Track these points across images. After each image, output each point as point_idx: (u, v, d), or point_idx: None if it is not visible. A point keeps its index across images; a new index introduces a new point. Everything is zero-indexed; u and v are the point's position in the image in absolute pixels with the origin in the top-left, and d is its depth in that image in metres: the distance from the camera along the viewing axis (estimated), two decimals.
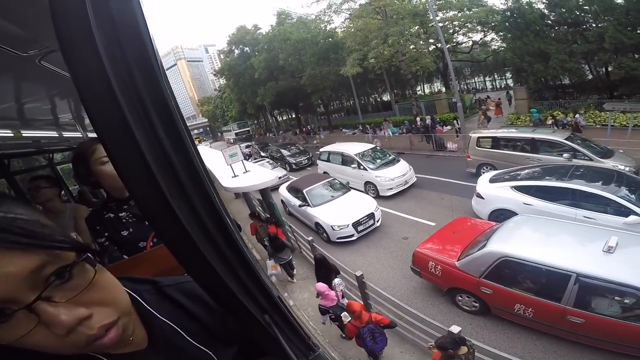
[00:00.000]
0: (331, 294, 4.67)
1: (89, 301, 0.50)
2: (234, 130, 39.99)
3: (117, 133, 0.38)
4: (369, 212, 8.16)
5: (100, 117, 0.38)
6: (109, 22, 0.38)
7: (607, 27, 14.36)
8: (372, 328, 4.02)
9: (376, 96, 36.22)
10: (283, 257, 6.71)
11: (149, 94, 0.40)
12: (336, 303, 4.64)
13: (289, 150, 20.14)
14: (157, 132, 0.41)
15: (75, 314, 0.47)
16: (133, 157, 0.39)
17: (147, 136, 0.40)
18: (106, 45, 0.37)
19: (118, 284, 0.59)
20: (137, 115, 0.39)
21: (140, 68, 0.40)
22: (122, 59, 0.38)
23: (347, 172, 11.63)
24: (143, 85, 0.40)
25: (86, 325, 0.48)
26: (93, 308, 0.50)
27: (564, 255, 4.10)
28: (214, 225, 0.49)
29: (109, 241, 1.66)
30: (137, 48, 0.40)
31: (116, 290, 0.58)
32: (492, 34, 22.50)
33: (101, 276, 0.54)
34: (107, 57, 0.37)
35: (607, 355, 3.85)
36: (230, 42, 33.69)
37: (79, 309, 0.48)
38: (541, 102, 18.16)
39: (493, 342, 4.36)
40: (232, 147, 7.73)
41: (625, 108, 11.38)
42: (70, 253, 0.49)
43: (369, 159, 11.25)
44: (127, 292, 0.68)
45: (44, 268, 0.46)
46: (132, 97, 0.38)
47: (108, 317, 0.52)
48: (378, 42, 17.99)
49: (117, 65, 0.38)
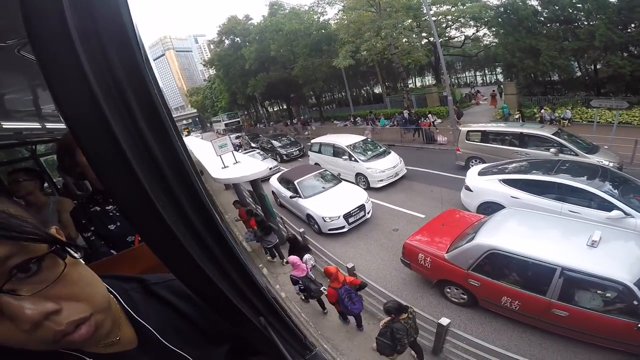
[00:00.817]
0: (302, 266, 5.18)
1: (59, 295, 0.48)
2: (224, 121, 39.39)
3: (92, 125, 0.35)
4: (359, 204, 8.21)
5: (71, 108, 0.34)
6: (86, 6, 0.34)
7: (598, 25, 14.54)
8: (347, 289, 4.46)
9: (368, 88, 36.08)
10: (270, 240, 6.97)
11: (130, 83, 0.36)
12: (305, 274, 5.19)
13: (280, 141, 19.87)
14: (139, 124, 0.37)
15: (40, 309, 0.45)
16: (110, 152, 0.36)
17: (126, 129, 0.36)
18: (80, 30, 0.33)
19: (95, 279, 0.57)
20: (115, 107, 0.35)
21: (120, 56, 0.36)
22: (99, 45, 0.35)
23: (338, 164, 11.65)
24: (123, 75, 0.36)
25: (53, 320, 0.46)
26: (63, 303, 0.48)
27: (550, 249, 4.17)
28: (203, 224, 0.46)
29: (96, 236, 1.61)
30: (117, 35, 0.36)
31: (91, 285, 0.55)
32: (484, 29, 22.61)
33: (74, 270, 0.52)
34: (82, 43, 0.33)
35: (590, 349, 3.96)
36: (221, 33, 32.98)
37: (46, 303, 0.46)
38: (530, 97, 18.38)
39: (480, 334, 4.45)
40: (221, 138, 7.64)
41: (611, 105, 11.59)
42: (41, 245, 0.47)
43: (360, 151, 11.27)
44: (113, 291, 0.65)
45: (9, 259, 0.43)
46: (109, 87, 0.35)
47: (78, 313, 0.50)
48: (371, 34, 17.86)
49: (93, 53, 0.34)
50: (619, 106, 10.84)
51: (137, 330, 0.66)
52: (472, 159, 10.22)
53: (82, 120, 0.34)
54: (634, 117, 12.73)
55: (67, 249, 0.52)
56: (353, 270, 5.27)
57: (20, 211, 0.48)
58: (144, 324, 0.67)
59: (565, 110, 15.18)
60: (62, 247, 0.51)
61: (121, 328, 0.63)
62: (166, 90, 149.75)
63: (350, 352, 4.76)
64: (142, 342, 0.65)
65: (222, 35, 33.19)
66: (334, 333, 5.14)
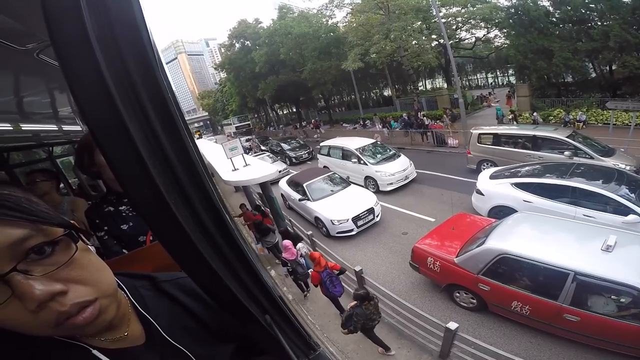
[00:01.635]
0: (293, 250, 5.76)
1: (67, 278, 0.50)
2: (234, 124, 39.84)
3: (110, 127, 0.37)
4: (368, 207, 8.14)
5: (91, 111, 0.36)
6: (103, 13, 0.36)
7: (612, 26, 14.23)
8: (329, 272, 4.96)
9: (377, 91, 36.00)
10: (269, 240, 7.20)
11: (145, 87, 0.38)
12: (294, 258, 5.71)
13: (289, 144, 19.98)
14: (153, 126, 0.39)
15: (49, 288, 0.47)
16: (127, 152, 0.38)
17: (142, 130, 0.38)
18: (99, 36, 0.35)
19: (103, 267, 0.59)
20: (131, 109, 0.37)
21: (135, 60, 0.38)
22: (117, 50, 0.37)
23: (347, 167, 11.62)
24: (138, 78, 0.38)
25: (58, 301, 0.48)
26: (70, 285, 0.50)
27: (562, 253, 4.08)
28: (213, 223, 0.48)
29: (108, 235, 1.65)
30: (133, 40, 0.38)
31: (99, 271, 0.57)
32: (495, 31, 22.30)
33: (84, 255, 0.54)
34: (100, 48, 0.35)
35: (602, 354, 3.85)
36: (231, 36, 33.39)
37: (55, 283, 0.48)
38: (543, 99, 18.04)
39: (489, 339, 4.38)
40: (232, 141, 7.72)
41: (627, 107, 11.28)
42: (56, 229, 0.50)
43: (370, 154, 11.24)
44: (124, 287, 0.67)
45: (26, 241, 0.46)
46: (126, 90, 0.37)
47: (84, 296, 0.51)
48: (380, 37, 17.83)
49: (111, 57, 0.36)
50: (636, 108, 10.55)
51: (145, 327, 0.67)
52: (483, 162, 10.06)
53: (100, 121, 0.36)
54: None
55: (80, 235, 0.55)
56: (361, 273, 5.24)
57: (38, 200, 0.51)
58: (159, 318, 0.68)
59: (579, 112, 14.84)
60: (75, 232, 0.53)
61: (130, 324, 0.64)
62: (178, 93, 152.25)
63: (356, 355, 4.73)
64: (149, 338, 0.66)
65: (232, 38, 33.61)
66: (340, 335, 5.11)
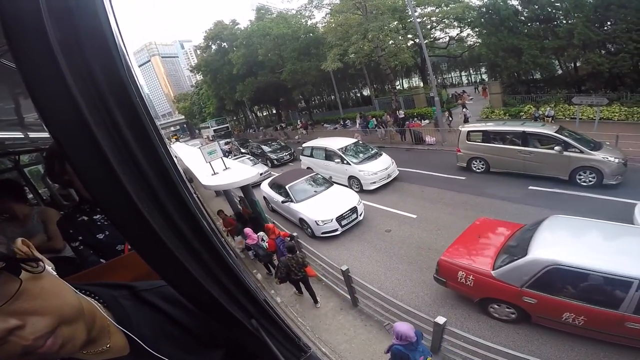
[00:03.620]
0: (254, 236, 6.49)
1: (20, 311, 0.48)
2: (212, 127, 38.87)
3: (75, 134, 0.35)
4: (351, 206, 8.19)
5: (53, 117, 0.34)
6: (66, 16, 0.34)
7: (576, 24, 14.97)
8: (281, 239, 6.15)
9: (356, 91, 36.39)
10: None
11: (111, 91, 0.37)
12: (256, 242, 6.48)
13: (270, 146, 19.72)
14: (122, 132, 0.38)
15: (2, 325, 0.45)
16: (94, 160, 0.36)
17: (110, 137, 0.37)
18: (61, 40, 0.33)
19: (61, 291, 0.56)
20: (98, 116, 0.36)
21: (101, 65, 0.36)
22: (80, 54, 0.35)
23: (330, 167, 11.67)
24: (104, 83, 0.37)
25: (19, 336, 0.46)
26: (26, 318, 0.48)
27: (620, 261, 3.82)
28: (190, 229, 0.47)
29: (84, 245, 1.59)
30: (98, 43, 0.36)
31: (57, 297, 0.54)
32: (468, 30, 23.09)
33: (33, 285, 0.51)
34: (62, 52, 0.33)
35: None
36: (207, 38, 32.80)
37: (8, 319, 0.46)
38: (514, 96, 18.80)
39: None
40: (210, 145, 7.57)
41: (591, 102, 11.97)
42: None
43: (352, 154, 11.33)
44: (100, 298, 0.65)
45: None
46: (92, 97, 0.35)
47: (43, 328, 0.49)
48: (358, 37, 18.04)
49: (74, 62, 0.34)
50: (599, 103, 11.19)
51: (129, 337, 0.65)
52: (474, 160, 10.31)
53: (66, 129, 0.35)
54: (613, 113, 13.13)
55: (22, 265, 0.50)
56: (347, 272, 5.27)
57: None
58: (142, 328, 0.66)
59: (548, 108, 15.58)
60: (16, 263, 0.49)
61: (111, 336, 0.62)
62: (153, 96, 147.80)
63: (349, 355, 4.75)
64: (134, 349, 0.64)
65: (208, 40, 33.02)
66: (331, 335, 5.13)
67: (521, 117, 16.39)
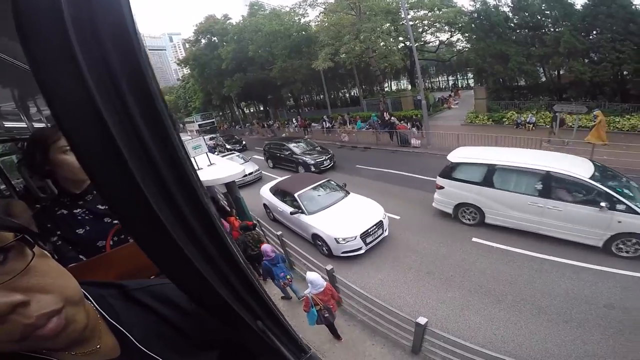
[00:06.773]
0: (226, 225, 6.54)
1: (28, 287, 0.46)
2: (198, 122, 38.03)
3: (88, 126, 0.32)
4: (377, 220, 6.97)
5: (67, 109, 0.31)
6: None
7: (563, 32, 15.53)
8: (246, 225, 6.40)
9: (345, 91, 36.55)
10: None
11: (128, 79, 0.34)
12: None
13: (298, 146, 14.94)
14: (135, 121, 0.35)
15: (6, 300, 0.43)
16: (106, 152, 0.33)
17: (123, 128, 0.34)
18: (74, 16, 0.30)
19: (65, 272, 0.54)
20: (108, 100, 0.33)
21: (116, 48, 0.33)
22: (94, 35, 0.32)
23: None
24: (117, 63, 0.33)
25: (22, 314, 0.44)
26: (32, 295, 0.46)
27: None
28: (201, 225, 0.44)
29: (62, 240, 1.51)
30: (114, 22, 0.33)
31: (62, 276, 0.53)
32: (458, 35, 23.61)
33: (42, 261, 0.50)
34: (75, 32, 0.30)
35: None
36: (198, 32, 32.19)
37: (13, 294, 0.43)
38: (498, 102, 19.33)
39: None
40: (195, 139, 7.43)
41: (571, 110, 12.39)
42: (6, 234, 0.45)
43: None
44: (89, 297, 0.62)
45: None
46: (105, 82, 0.32)
47: (49, 305, 0.47)
48: (350, 37, 18.15)
49: (87, 44, 0.31)
50: (578, 111, 11.61)
51: (119, 338, 0.63)
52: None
53: (74, 115, 0.32)
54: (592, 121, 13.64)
55: (35, 240, 0.50)
56: (332, 272, 5.27)
57: None
58: (132, 328, 0.64)
59: (530, 114, 16.07)
60: (30, 236, 0.48)
61: (101, 336, 0.60)
62: None
63: (333, 355, 4.77)
64: (125, 350, 0.62)
65: (198, 34, 32.43)
66: (314, 335, 5.13)
67: (504, 123, 16.85)
